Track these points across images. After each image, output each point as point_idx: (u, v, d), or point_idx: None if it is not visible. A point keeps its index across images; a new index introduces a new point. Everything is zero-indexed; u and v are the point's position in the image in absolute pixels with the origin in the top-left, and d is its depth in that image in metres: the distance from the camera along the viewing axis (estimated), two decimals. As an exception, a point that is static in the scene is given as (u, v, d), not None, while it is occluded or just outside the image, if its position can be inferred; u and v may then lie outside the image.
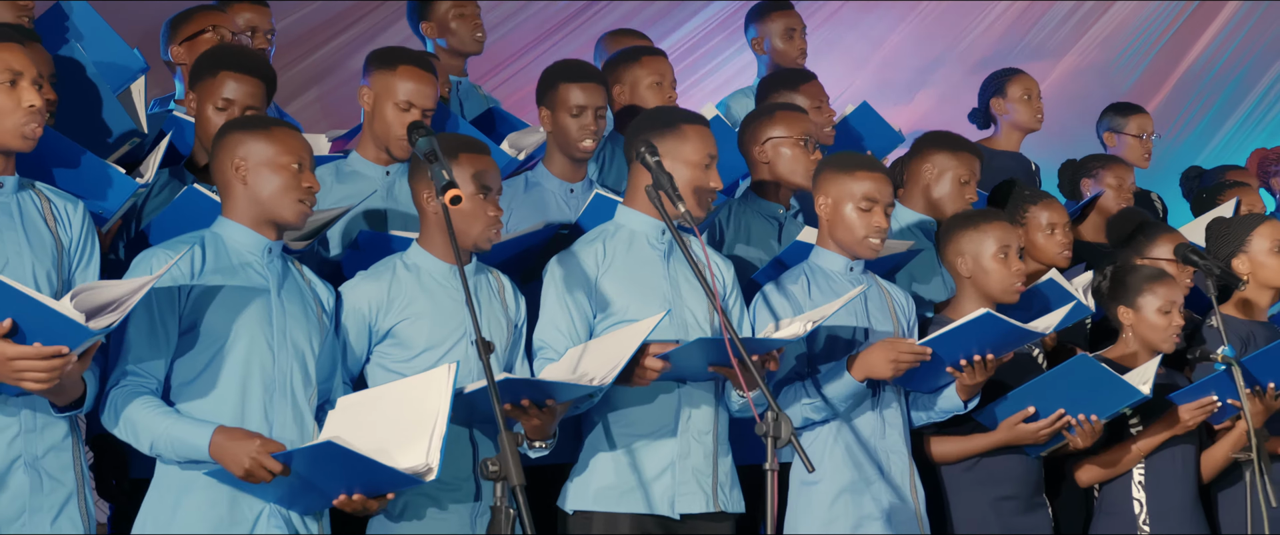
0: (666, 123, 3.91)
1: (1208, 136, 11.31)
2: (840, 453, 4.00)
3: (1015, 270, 4.28)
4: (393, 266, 3.66)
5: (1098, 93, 10.82)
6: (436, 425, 3.21)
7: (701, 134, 3.90)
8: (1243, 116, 11.30)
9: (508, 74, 8.57)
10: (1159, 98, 11.27)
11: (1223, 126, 11.13)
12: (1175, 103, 11.26)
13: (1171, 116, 11.20)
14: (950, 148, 4.73)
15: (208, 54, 4.04)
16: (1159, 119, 11.11)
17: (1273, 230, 4.83)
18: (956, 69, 10.36)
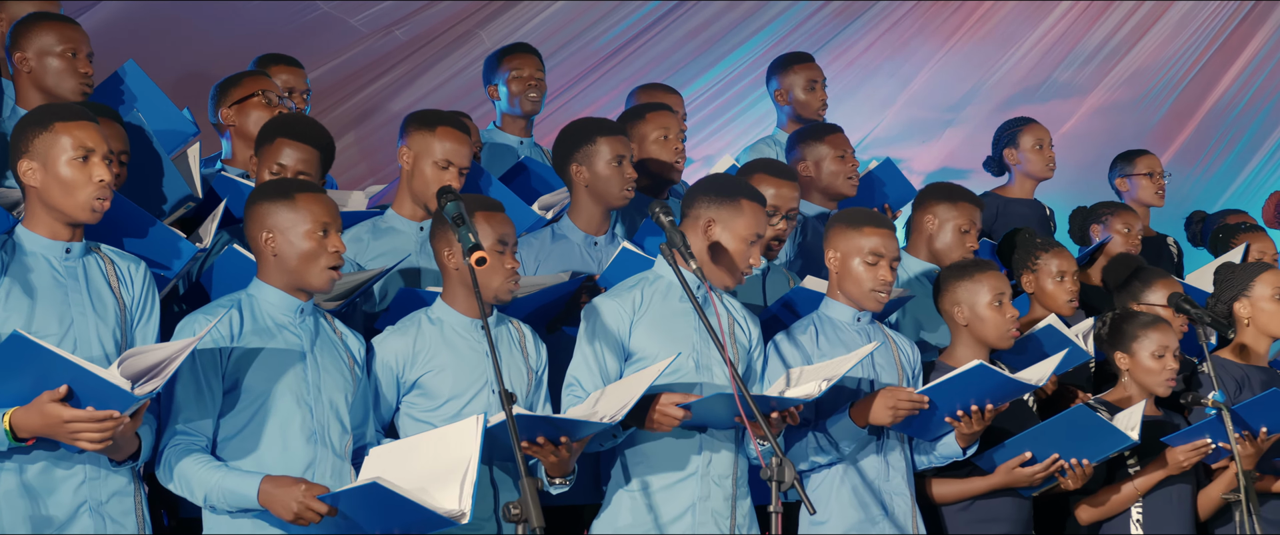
0: (728, 193, 4.14)
1: (1232, 175, 11.36)
2: (847, 494, 4.24)
3: (1009, 317, 4.50)
4: (418, 321, 3.91)
5: (1125, 129, 11.00)
6: (468, 472, 3.45)
7: (756, 213, 4.13)
8: (1266, 155, 11.43)
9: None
10: (1184, 135, 11.37)
11: (1247, 165, 11.20)
12: (1200, 141, 11.34)
13: (1196, 155, 11.30)
14: (950, 198, 4.97)
15: (271, 124, 4.34)
16: (1184, 157, 11.30)
17: (1275, 278, 5.03)
18: (983, 107, 10.49)
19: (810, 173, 5.31)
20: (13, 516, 3.38)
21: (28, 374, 3.23)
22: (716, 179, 4.25)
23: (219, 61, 6.14)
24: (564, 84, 8.74)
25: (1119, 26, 10.95)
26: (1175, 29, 10.96)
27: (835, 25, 10.18)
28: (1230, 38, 11.14)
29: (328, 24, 8.10)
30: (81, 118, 3.53)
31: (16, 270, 3.46)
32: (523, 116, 5.61)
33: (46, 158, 3.48)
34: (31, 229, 3.52)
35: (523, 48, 5.72)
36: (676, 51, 9.32)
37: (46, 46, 4.32)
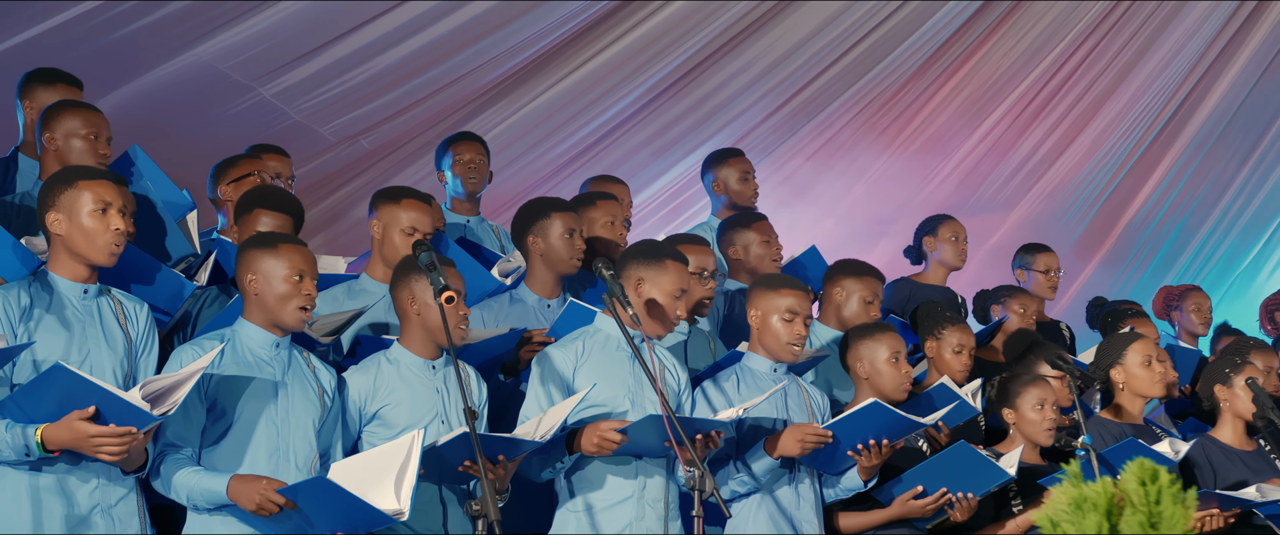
0: (654, 254, 4.81)
1: (1152, 286, 11.94)
2: (763, 519, 4.84)
3: (904, 372, 5.15)
4: (378, 361, 4.52)
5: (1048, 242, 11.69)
6: (407, 477, 4.04)
7: (679, 271, 4.79)
8: (1184, 266, 12.11)
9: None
10: (1104, 248, 12.09)
11: (1167, 275, 11.87)
12: (1120, 254, 12.05)
13: (1118, 267, 12.02)
14: (855, 273, 5.65)
15: (248, 194, 4.99)
16: (1107, 268, 11.92)
17: (1144, 348, 5.69)
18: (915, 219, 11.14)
19: (739, 255, 5.98)
20: (50, 514, 3.94)
21: (58, 397, 3.82)
22: (644, 244, 4.92)
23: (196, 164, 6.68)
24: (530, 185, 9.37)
25: (1039, 145, 11.68)
26: (1090, 148, 11.72)
27: (777, 137, 10.91)
28: (1144, 157, 11.89)
29: (298, 132, 8.65)
30: (101, 177, 4.17)
31: (49, 306, 4.06)
32: (468, 197, 6.26)
33: (71, 210, 4.11)
34: (56, 272, 4.14)
35: (466, 136, 6.41)
36: (632, 157, 9.99)
37: (72, 129, 4.98)
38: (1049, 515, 2.36)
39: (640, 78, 9.62)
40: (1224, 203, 11.82)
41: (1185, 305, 7.63)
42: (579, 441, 4.53)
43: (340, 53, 8.28)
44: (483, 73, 9.00)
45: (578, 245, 5.19)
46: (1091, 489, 2.34)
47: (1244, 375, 5.68)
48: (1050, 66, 11.18)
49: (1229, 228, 11.87)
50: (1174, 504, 2.32)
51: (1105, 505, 2.32)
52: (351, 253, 8.85)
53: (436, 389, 4.49)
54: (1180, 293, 7.78)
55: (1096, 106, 11.46)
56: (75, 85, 5.45)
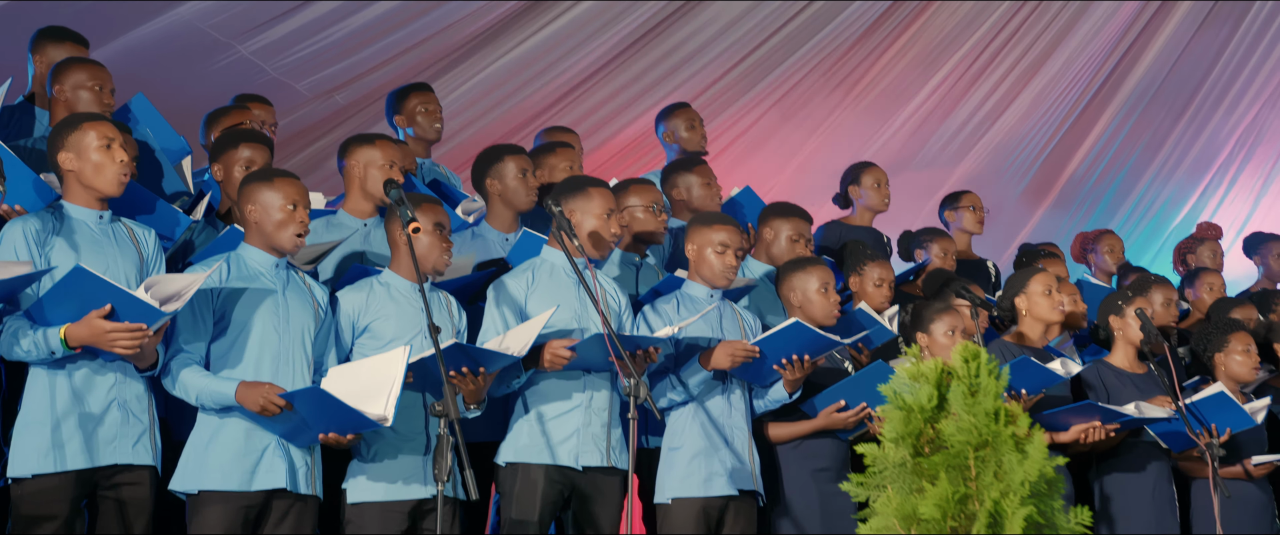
0: (578, 187, 5.42)
1: None
2: (696, 427, 5.46)
3: (832, 301, 5.76)
4: (371, 283, 5.13)
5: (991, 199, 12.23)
6: (393, 387, 4.64)
7: (603, 194, 5.41)
8: (1121, 221, 12.71)
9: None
10: (1046, 204, 12.67)
11: (1111, 222, 12.28)
12: (1061, 211, 12.62)
13: (1058, 223, 12.58)
14: (784, 214, 6.26)
15: (228, 132, 5.58)
16: (1047, 224, 12.45)
17: (1045, 279, 6.31)
18: (859, 179, 11.63)
19: (682, 196, 6.58)
20: (72, 408, 4.54)
21: (78, 300, 4.40)
22: (567, 180, 5.54)
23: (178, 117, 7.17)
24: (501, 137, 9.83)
25: (984, 101, 12.23)
26: (1033, 104, 12.26)
27: (737, 92, 11.45)
28: (1082, 115, 12.47)
29: (276, 88, 9.11)
30: (102, 119, 4.77)
31: (66, 231, 4.66)
32: (427, 143, 6.85)
33: (79, 148, 4.70)
34: (72, 202, 4.72)
35: (423, 86, 6.96)
36: (597, 112, 10.52)
37: (80, 82, 5.55)
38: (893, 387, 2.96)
39: (604, 36, 10.11)
40: (1162, 154, 12.40)
41: (1099, 247, 8.26)
42: (534, 359, 5.13)
43: (316, 12, 8.75)
44: (453, 31, 9.46)
45: (531, 184, 5.79)
46: (926, 365, 2.94)
47: (1134, 306, 6.30)
48: (994, 25, 11.67)
49: (1167, 178, 12.43)
50: (990, 377, 2.92)
51: (936, 378, 2.92)
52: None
53: (422, 311, 5.10)
54: (1095, 236, 8.40)
55: (1037, 65, 11.94)
56: (82, 43, 6.02)
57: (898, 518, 2.91)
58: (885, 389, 3.07)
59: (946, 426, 2.93)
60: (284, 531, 4.77)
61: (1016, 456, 2.89)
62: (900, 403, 2.98)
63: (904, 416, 2.98)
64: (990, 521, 2.85)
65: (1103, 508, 6.22)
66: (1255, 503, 6.37)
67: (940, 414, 2.93)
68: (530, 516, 5.16)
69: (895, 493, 2.95)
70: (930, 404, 2.96)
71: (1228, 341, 6.52)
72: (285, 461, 4.75)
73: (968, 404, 2.92)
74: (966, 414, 2.91)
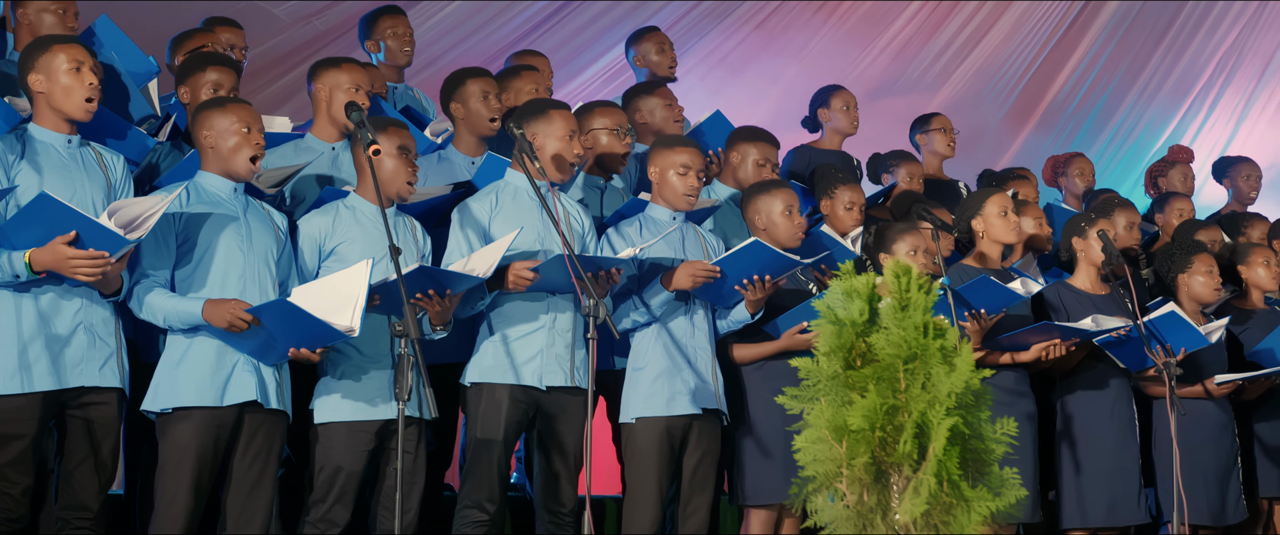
0: (539, 109, 5.47)
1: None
2: (659, 348, 5.54)
3: (797, 223, 5.82)
4: (337, 206, 5.18)
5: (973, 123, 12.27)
6: (359, 299, 4.71)
7: (564, 117, 5.46)
8: (1103, 145, 12.76)
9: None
10: (1027, 128, 12.71)
11: (1093, 146, 12.44)
12: (1043, 135, 12.66)
13: (1039, 148, 12.60)
14: (751, 138, 6.31)
15: (193, 56, 5.61)
16: (1029, 148, 12.52)
17: (1001, 200, 6.36)
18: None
19: (645, 120, 6.62)
20: (38, 331, 4.62)
21: (44, 225, 4.46)
22: (528, 103, 5.58)
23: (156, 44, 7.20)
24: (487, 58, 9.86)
25: (961, 28, 12.27)
26: (1011, 30, 12.30)
27: (705, 25, 11.46)
28: (1062, 40, 12.49)
29: (253, 13, 9.15)
30: (72, 42, 4.80)
31: (31, 155, 4.70)
32: (397, 67, 6.88)
33: (49, 70, 4.73)
34: (41, 125, 4.77)
35: (396, 9, 7.00)
36: (574, 40, 10.54)
37: (43, 6, 5.57)
38: (826, 302, 3.03)
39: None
40: (1142, 78, 12.46)
41: (1070, 170, 8.32)
42: (498, 281, 5.20)
43: (294, -65, 8.78)
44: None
45: (494, 106, 5.83)
46: (858, 280, 3.02)
47: (1097, 227, 6.37)
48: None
49: (1149, 102, 12.49)
50: (920, 291, 2.99)
51: (867, 292, 3.00)
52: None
53: (386, 230, 5.15)
54: (1065, 159, 8.46)
55: (1018, -14, 12.03)
56: (43, -36, 6.01)
57: (829, 429, 2.99)
58: (819, 304, 3.14)
59: (877, 340, 3.01)
60: (255, 448, 4.86)
61: (944, 369, 2.98)
62: (832, 317, 3.05)
63: (836, 331, 3.06)
64: (916, 432, 2.94)
65: (1064, 427, 6.32)
66: (1216, 422, 6.48)
67: (872, 328, 3.01)
68: (494, 436, 5.25)
69: (828, 405, 3.03)
70: (861, 318, 3.03)
71: (1190, 262, 6.60)
72: (255, 376, 4.83)
73: (898, 318, 3.00)
74: (896, 328, 2.99)
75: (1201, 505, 6.36)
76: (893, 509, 2.93)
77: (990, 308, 5.89)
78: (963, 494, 2.97)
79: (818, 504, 3.06)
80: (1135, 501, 6.24)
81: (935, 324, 3.12)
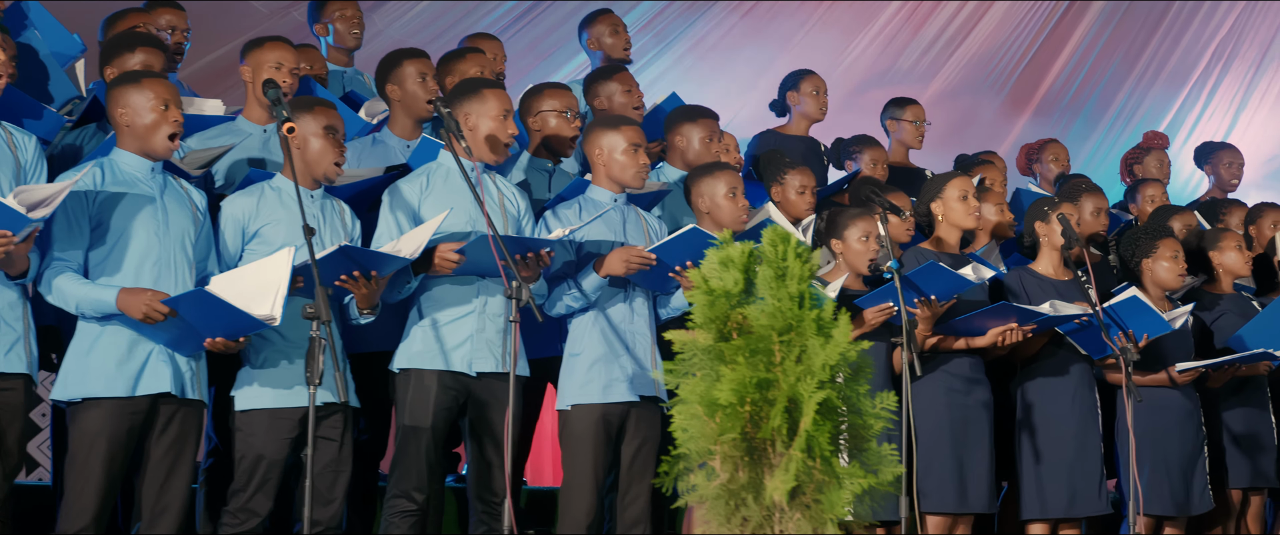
0: (472, 89, 5.34)
1: (1072, 154, 12.35)
2: (597, 334, 5.40)
3: (741, 205, 5.68)
4: (262, 188, 5.05)
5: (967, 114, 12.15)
6: (280, 288, 4.59)
7: (498, 96, 5.31)
8: (1100, 137, 12.61)
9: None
10: (1022, 120, 12.56)
11: (1082, 148, 12.38)
12: (1038, 127, 12.48)
13: (1040, 134, 12.44)
14: (692, 117, 6.17)
15: (118, 36, 5.48)
16: (1029, 136, 12.35)
17: (961, 184, 6.20)
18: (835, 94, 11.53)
19: (603, 105, 6.48)
20: None
21: None
22: (463, 82, 5.44)
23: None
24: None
25: (951, 19, 12.13)
26: (1001, 20, 12.16)
27: (691, 14, 11.34)
28: (1057, 28, 12.35)
29: (235, 8, 9.13)
30: None
31: None
32: (347, 50, 6.76)
33: None
34: None
35: None
36: (557, 30, 10.42)
37: None
38: (702, 273, 2.89)
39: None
40: (1140, 65, 12.32)
41: (1044, 156, 8.16)
42: (426, 264, 5.07)
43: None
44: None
45: (431, 88, 5.70)
46: (734, 249, 2.88)
47: (1058, 211, 6.21)
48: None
49: (1147, 89, 12.34)
50: (798, 260, 2.85)
51: (743, 262, 2.85)
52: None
53: (314, 216, 5.03)
54: (1039, 145, 8.30)
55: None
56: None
57: (701, 403, 2.85)
58: (693, 273, 3.00)
59: (753, 311, 2.87)
60: (170, 437, 4.74)
61: (819, 340, 2.83)
62: (706, 288, 2.91)
63: (709, 301, 2.91)
64: (788, 405, 2.79)
65: (1024, 416, 6.16)
66: (1180, 411, 6.30)
67: (748, 298, 2.87)
68: (423, 423, 5.12)
69: (701, 379, 2.90)
70: (737, 288, 2.89)
71: (1156, 247, 6.43)
72: (170, 366, 4.71)
73: (773, 288, 2.85)
74: (772, 298, 2.84)
75: (1165, 495, 6.19)
76: (766, 487, 2.79)
77: (941, 293, 5.73)
78: (835, 470, 2.82)
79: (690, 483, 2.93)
80: (1097, 492, 6.08)
81: (812, 294, 2.97)
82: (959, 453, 5.88)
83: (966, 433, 5.91)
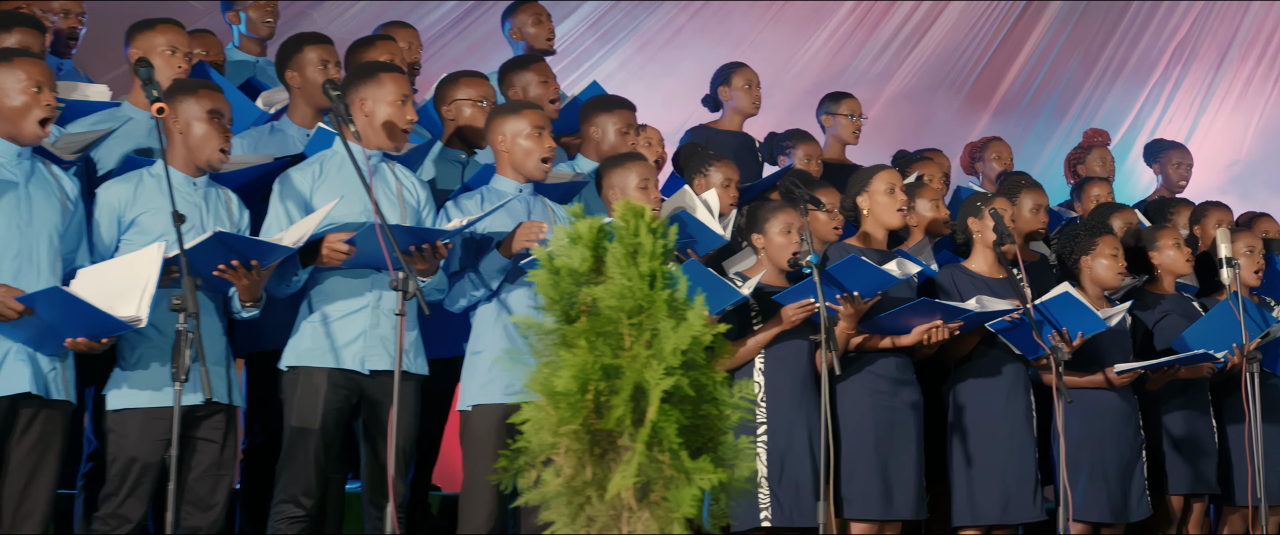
0: (368, 73, 5.08)
1: (1030, 160, 12.23)
2: (499, 331, 5.14)
3: (653, 198, 5.43)
4: (141, 174, 4.78)
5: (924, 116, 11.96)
6: (147, 286, 4.32)
7: (396, 80, 5.05)
8: (1061, 139, 12.42)
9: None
10: (985, 118, 12.37)
11: (1044, 150, 12.20)
12: (1001, 123, 12.31)
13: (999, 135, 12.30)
14: (608, 107, 5.92)
15: None
16: (995, 126, 12.18)
17: (888, 177, 5.96)
18: (791, 94, 11.38)
19: (519, 96, 6.22)
20: None
21: None
22: (359, 66, 5.18)
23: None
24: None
25: (905, 20, 11.96)
26: (957, 21, 11.98)
27: (641, 13, 11.12)
28: (1014, 28, 12.19)
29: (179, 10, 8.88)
30: None
31: None
32: (259, 40, 6.50)
33: None
34: None
35: None
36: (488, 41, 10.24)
37: None
38: (547, 251, 2.64)
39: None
40: (1099, 65, 12.17)
41: (987, 155, 7.93)
42: (315, 255, 4.81)
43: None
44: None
45: (332, 75, 5.44)
46: (582, 224, 2.62)
47: (991, 206, 5.97)
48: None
49: (1107, 90, 12.19)
50: (651, 236, 2.60)
51: (592, 238, 2.60)
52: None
53: (196, 204, 4.76)
54: (982, 144, 8.07)
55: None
56: None
57: (544, 392, 2.60)
58: (538, 251, 2.75)
59: (602, 291, 2.61)
60: (31, 439, 4.46)
61: (670, 323, 2.57)
62: (550, 266, 2.65)
63: (553, 281, 2.65)
64: (635, 394, 2.54)
65: (956, 418, 5.92)
66: (1118, 414, 6.06)
67: (598, 278, 2.62)
68: (311, 424, 4.86)
69: (545, 365, 2.64)
70: (584, 267, 2.64)
71: (1094, 244, 6.19)
72: (30, 366, 4.43)
73: (624, 267, 2.60)
74: (622, 278, 2.59)
75: (1101, 501, 5.95)
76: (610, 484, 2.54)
77: (864, 289, 5.49)
78: (682, 465, 2.55)
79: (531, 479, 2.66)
80: (1031, 498, 5.84)
81: (666, 273, 2.72)
82: (884, 457, 5.63)
83: (893, 436, 5.66)
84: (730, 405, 2.72)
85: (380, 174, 5.01)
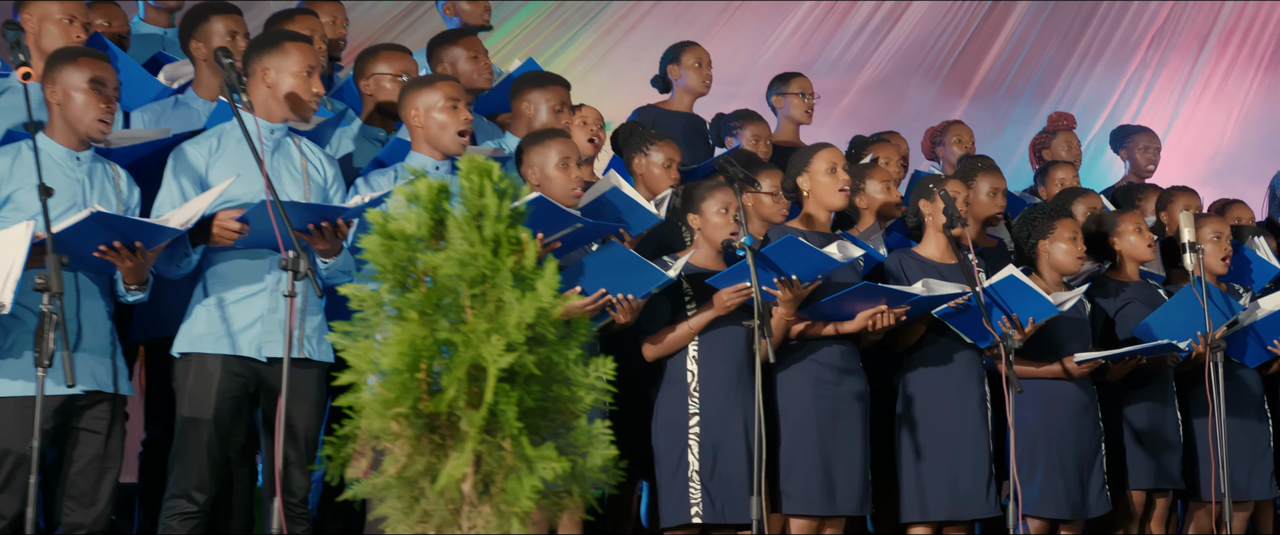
0: (273, 41, 4.76)
1: (1009, 150, 11.98)
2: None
3: (574, 177, 5.11)
4: (19, 148, 4.47)
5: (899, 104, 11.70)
6: (12, 269, 4.00)
7: (302, 50, 4.74)
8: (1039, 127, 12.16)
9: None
10: (963, 105, 12.11)
11: (1028, 129, 11.95)
12: (975, 118, 12.07)
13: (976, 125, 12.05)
14: (539, 84, 5.60)
15: None
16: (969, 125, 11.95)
17: (830, 156, 5.65)
18: (759, 85, 11.12)
19: (447, 71, 5.91)
20: None
21: None
22: (262, 35, 4.87)
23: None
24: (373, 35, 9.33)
25: (877, 6, 11.71)
26: (930, 8, 11.73)
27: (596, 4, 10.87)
28: (989, 15, 11.96)
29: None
30: None
31: None
32: (167, 10, 6.19)
33: None
34: None
35: None
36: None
37: None
38: (381, 213, 2.34)
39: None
40: (1078, 51, 11.95)
41: (947, 138, 7.64)
42: (206, 234, 4.50)
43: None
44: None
45: (239, 47, 5.12)
46: (421, 184, 2.32)
47: (943, 189, 5.67)
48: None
49: (1086, 76, 11.95)
50: (497, 197, 2.30)
51: (432, 200, 2.30)
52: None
53: (79, 180, 4.45)
54: (943, 127, 7.78)
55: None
56: None
57: (371, 370, 2.30)
58: (373, 214, 2.44)
59: (441, 258, 2.31)
60: None
61: (515, 294, 2.26)
62: (383, 230, 2.35)
63: (386, 246, 2.35)
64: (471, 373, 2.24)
65: (905, 409, 5.62)
66: (1076, 405, 5.76)
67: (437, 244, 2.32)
68: (204, 414, 4.54)
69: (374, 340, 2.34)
70: (422, 231, 2.34)
71: (1053, 227, 5.88)
72: None
73: (467, 231, 2.29)
74: (464, 243, 2.29)
75: (1059, 496, 5.66)
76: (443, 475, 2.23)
77: (803, 273, 5.18)
78: (523, 453, 2.24)
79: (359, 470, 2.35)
80: (984, 493, 5.54)
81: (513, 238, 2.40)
82: (827, 450, 5.33)
83: (836, 428, 5.36)
84: (584, 386, 2.40)
85: (284, 149, 4.70)
